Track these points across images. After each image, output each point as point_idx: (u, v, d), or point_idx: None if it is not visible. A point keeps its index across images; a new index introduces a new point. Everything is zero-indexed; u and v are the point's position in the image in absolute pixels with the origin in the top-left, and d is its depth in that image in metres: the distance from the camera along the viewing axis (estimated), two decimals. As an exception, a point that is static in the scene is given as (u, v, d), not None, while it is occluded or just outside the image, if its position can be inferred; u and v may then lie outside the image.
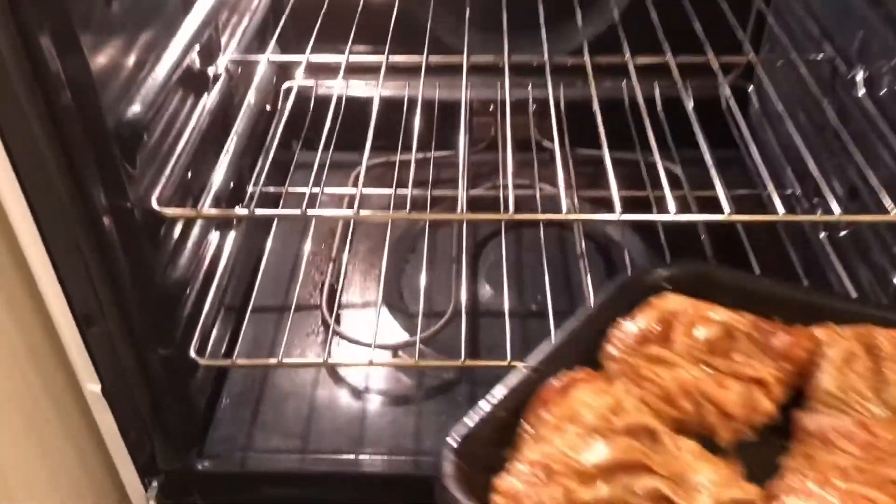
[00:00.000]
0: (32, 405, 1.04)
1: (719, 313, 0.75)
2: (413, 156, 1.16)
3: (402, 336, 1.24)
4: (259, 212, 0.96)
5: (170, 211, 0.94)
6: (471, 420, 0.69)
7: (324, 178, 1.17)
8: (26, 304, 0.96)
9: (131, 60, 0.91)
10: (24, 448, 1.01)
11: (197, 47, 1.06)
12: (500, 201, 1.27)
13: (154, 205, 0.94)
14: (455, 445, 0.67)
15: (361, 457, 1.10)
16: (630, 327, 0.76)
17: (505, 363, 1.02)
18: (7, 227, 0.85)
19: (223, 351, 1.21)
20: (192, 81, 1.09)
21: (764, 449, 0.69)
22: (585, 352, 0.76)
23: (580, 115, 1.26)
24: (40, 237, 0.85)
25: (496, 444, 0.68)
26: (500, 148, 1.49)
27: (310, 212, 0.92)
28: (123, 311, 0.92)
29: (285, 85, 1.45)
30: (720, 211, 0.89)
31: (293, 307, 1.24)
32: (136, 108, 0.90)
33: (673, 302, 0.78)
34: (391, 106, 1.43)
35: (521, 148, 1.39)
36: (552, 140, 1.09)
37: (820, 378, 0.72)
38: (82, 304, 0.91)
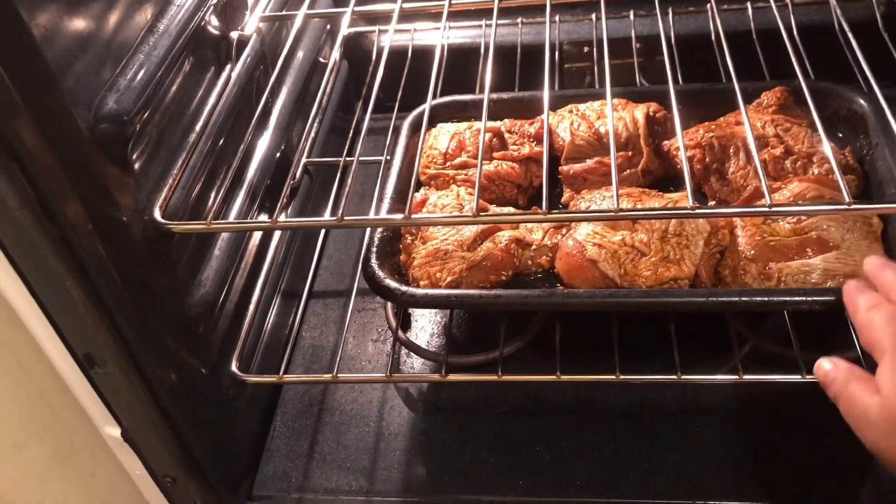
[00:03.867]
0: (59, 443, 0.89)
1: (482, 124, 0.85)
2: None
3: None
4: (283, 222, 0.75)
5: (174, 225, 0.73)
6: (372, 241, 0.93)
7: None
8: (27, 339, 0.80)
9: (112, 28, 0.70)
10: (50, 482, 0.87)
11: (209, 6, 0.84)
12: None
13: (157, 216, 0.74)
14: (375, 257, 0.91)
15: (438, 499, 0.91)
16: (434, 153, 1.04)
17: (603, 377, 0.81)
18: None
19: (272, 367, 1.02)
20: (211, 49, 0.88)
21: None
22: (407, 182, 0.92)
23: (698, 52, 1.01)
24: (14, 272, 0.67)
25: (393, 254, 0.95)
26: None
27: (347, 219, 0.70)
28: (126, 347, 0.74)
29: (341, 33, 1.22)
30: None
31: (351, 310, 1.03)
32: (122, 93, 0.69)
33: (451, 127, 1.07)
34: (465, 55, 1.19)
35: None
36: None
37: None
38: (79, 343, 0.74)
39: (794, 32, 1.04)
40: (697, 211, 0.69)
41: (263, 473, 0.96)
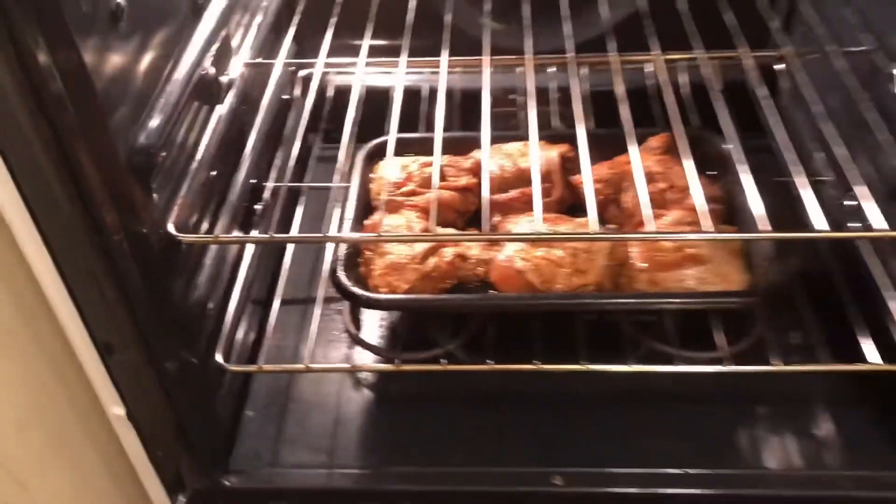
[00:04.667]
0: (58, 423, 1.03)
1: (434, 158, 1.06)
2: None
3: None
4: (279, 236, 0.93)
5: (186, 237, 0.91)
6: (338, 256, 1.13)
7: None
8: (48, 326, 0.95)
9: (141, 79, 0.87)
10: (50, 465, 1.01)
11: (211, 55, 1.02)
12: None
13: (171, 229, 0.91)
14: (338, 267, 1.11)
15: (390, 470, 1.09)
16: (385, 182, 1.19)
17: (525, 366, 1.01)
18: (21, 256, 0.83)
19: (247, 361, 1.18)
20: (206, 91, 1.05)
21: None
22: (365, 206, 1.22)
23: (604, 102, 1.24)
24: (55, 267, 0.83)
25: (354, 266, 1.14)
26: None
27: (331, 235, 0.89)
28: (144, 338, 0.90)
29: (302, 73, 1.41)
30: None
31: (317, 314, 1.21)
32: (149, 131, 0.86)
33: (399, 159, 1.24)
34: (412, 96, 1.39)
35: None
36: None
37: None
38: (102, 332, 0.89)
39: (680, 90, 1.29)
40: (596, 236, 0.91)
41: (238, 453, 1.12)
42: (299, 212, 1.33)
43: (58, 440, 1.03)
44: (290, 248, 1.31)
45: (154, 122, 0.87)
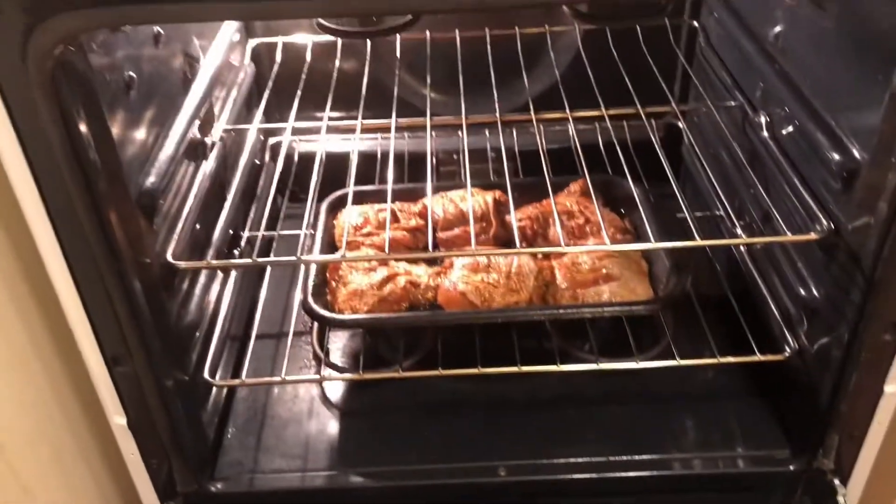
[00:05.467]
0: (60, 439, 1.19)
1: (387, 205, 1.30)
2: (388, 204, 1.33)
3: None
4: (261, 260, 1.12)
5: (182, 263, 1.09)
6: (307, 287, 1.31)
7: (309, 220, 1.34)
8: (54, 356, 1.13)
9: (146, 138, 1.08)
10: (52, 474, 1.16)
11: (197, 121, 1.23)
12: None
13: (169, 258, 1.10)
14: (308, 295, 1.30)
15: (356, 470, 1.26)
16: (346, 226, 1.37)
17: (468, 371, 1.19)
18: (46, 281, 1.01)
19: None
20: (194, 150, 1.26)
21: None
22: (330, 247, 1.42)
23: (532, 159, 1.46)
24: (76, 290, 1.01)
25: (322, 294, 1.33)
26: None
27: (304, 257, 1.08)
28: (147, 352, 1.07)
29: (271, 140, 1.63)
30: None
31: (289, 342, 1.38)
32: (152, 179, 1.06)
33: (357, 207, 1.45)
34: (367, 159, 1.61)
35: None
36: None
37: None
38: (111, 346, 1.06)
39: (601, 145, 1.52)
40: (523, 250, 1.12)
41: (222, 462, 1.28)
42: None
43: (59, 453, 1.19)
44: (265, 283, 1.50)
45: (156, 171, 1.07)
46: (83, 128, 0.89)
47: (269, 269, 1.52)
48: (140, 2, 0.82)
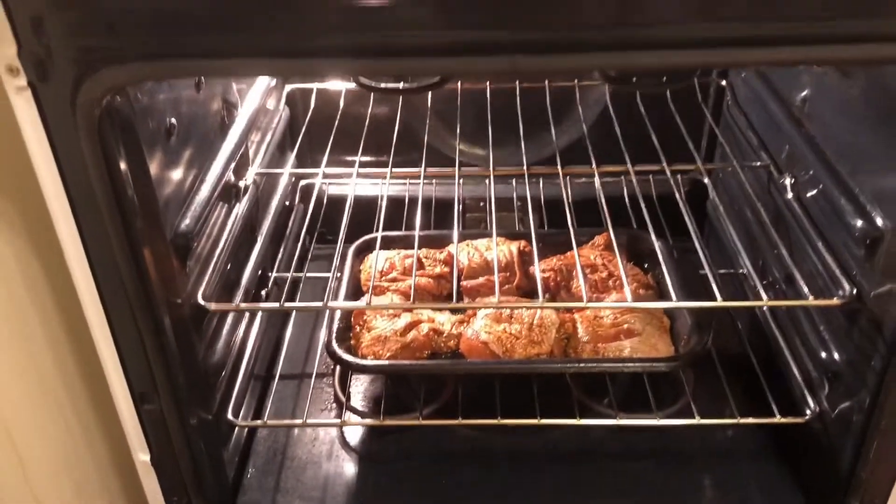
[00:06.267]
0: (82, 473, 1.21)
1: (414, 251, 1.35)
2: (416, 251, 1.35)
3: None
4: (288, 305, 1.15)
5: (213, 305, 1.12)
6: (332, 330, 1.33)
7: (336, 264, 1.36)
8: (81, 382, 1.16)
9: (184, 181, 1.11)
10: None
11: (233, 165, 1.26)
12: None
13: (200, 300, 1.12)
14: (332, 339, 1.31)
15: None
16: (373, 271, 1.40)
17: (489, 421, 1.19)
18: (79, 317, 1.04)
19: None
20: (228, 193, 1.29)
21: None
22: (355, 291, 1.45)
23: (557, 210, 1.48)
24: (108, 328, 1.03)
25: (346, 339, 1.34)
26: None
27: (331, 304, 1.10)
28: (173, 391, 1.09)
29: (302, 182, 1.67)
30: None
31: (312, 383, 1.40)
32: (187, 221, 1.09)
33: (384, 253, 1.47)
34: (394, 203, 1.64)
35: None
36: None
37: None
38: (140, 384, 1.08)
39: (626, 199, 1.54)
40: (546, 305, 1.14)
41: (240, 502, 1.29)
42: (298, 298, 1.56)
43: (81, 486, 1.21)
44: (289, 326, 1.53)
45: (191, 214, 1.10)
46: (123, 168, 0.92)
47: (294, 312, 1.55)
48: (186, 57, 0.85)
